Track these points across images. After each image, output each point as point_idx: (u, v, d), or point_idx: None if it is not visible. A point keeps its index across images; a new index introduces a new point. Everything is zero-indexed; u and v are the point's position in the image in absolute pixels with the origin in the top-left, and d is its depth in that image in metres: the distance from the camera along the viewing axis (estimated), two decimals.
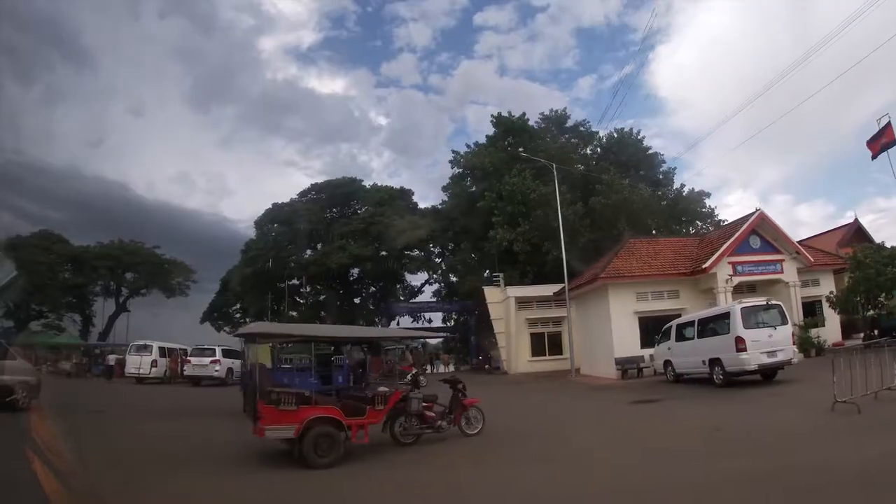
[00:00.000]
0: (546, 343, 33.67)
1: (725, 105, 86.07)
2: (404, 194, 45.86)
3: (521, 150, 34.89)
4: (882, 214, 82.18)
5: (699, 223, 38.84)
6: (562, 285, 31.88)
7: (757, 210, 23.40)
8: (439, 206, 45.09)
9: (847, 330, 24.65)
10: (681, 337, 18.34)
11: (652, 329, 23.26)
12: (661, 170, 40.32)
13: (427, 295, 49.44)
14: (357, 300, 45.87)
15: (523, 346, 33.42)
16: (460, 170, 42.55)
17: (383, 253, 41.65)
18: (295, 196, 44.97)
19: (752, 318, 15.46)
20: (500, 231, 34.99)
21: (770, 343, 15.11)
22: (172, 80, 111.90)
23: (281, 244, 41.64)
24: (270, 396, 7.83)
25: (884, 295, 20.50)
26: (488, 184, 37.77)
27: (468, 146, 43.54)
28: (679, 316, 23.52)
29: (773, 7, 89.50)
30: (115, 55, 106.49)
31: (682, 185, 38.58)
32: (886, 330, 21.15)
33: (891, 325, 20.90)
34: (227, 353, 27.12)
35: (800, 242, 25.40)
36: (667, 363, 18.91)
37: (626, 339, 23.18)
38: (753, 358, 14.85)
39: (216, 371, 25.64)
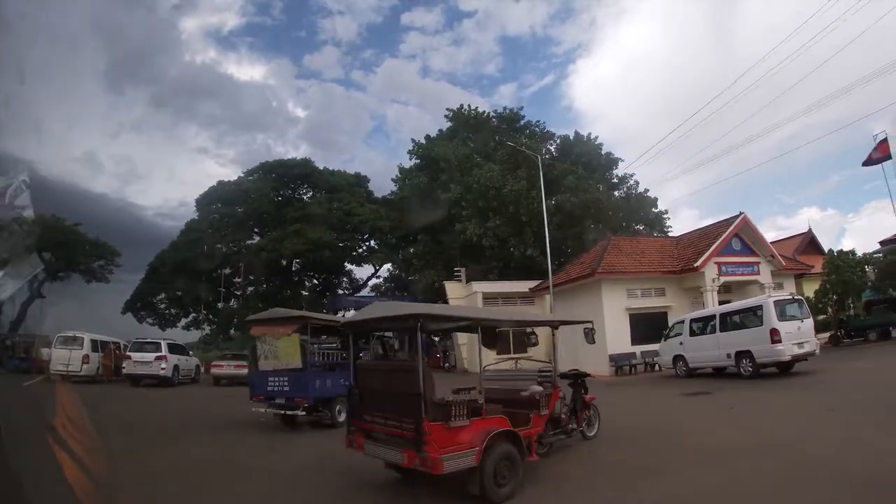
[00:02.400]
0: (511, 341, 33.32)
1: (641, 120, 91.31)
2: (361, 181, 43.65)
3: (509, 142, 34.37)
4: (783, 232, 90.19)
5: (646, 226, 40.26)
6: (535, 281, 31.96)
7: (741, 214, 24.49)
8: (390, 197, 43.78)
9: None
10: (695, 332, 18.56)
11: (640, 326, 23.77)
12: (615, 172, 41.53)
13: (366, 290, 47.95)
14: (290, 291, 42.86)
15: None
16: (418, 160, 41.44)
17: (342, 243, 39.60)
18: (241, 174, 41.69)
19: (783, 311, 15.95)
20: (468, 225, 34.34)
21: (799, 335, 15.70)
22: (88, 56, 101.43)
23: (225, 226, 38.15)
24: (439, 409, 5.76)
25: (854, 297, 22.07)
26: (451, 176, 37.00)
27: (428, 137, 42.61)
28: (665, 314, 24.27)
29: (695, 28, 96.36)
30: (27, 24, 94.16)
31: (647, 190, 39.85)
32: (855, 330, 22.95)
33: (859, 326, 22.60)
34: (173, 349, 24.32)
35: None
36: (677, 358, 19.05)
37: (618, 336, 23.33)
38: (787, 349, 15.31)
39: (162, 369, 22.68)
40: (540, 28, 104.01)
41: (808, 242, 32.32)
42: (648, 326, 23.47)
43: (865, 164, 19.95)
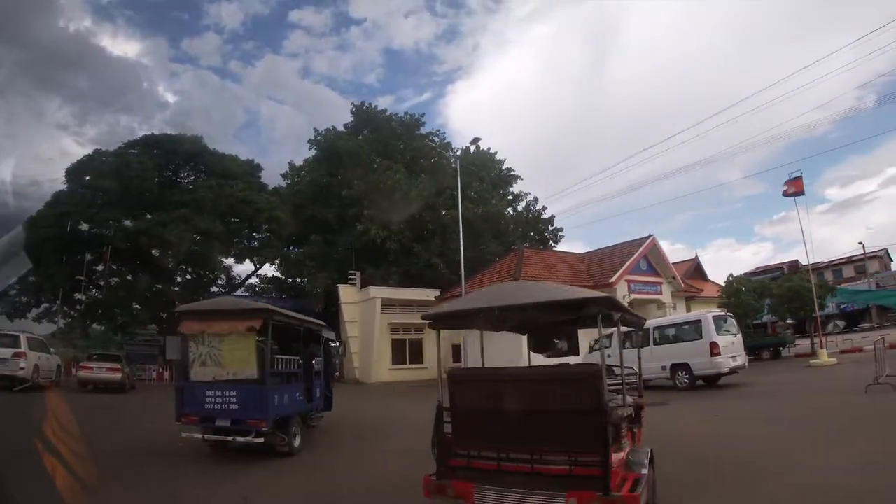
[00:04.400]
0: (407, 351, 31.86)
1: (510, 145, 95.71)
2: (254, 169, 39.01)
3: (429, 140, 33.06)
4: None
5: (541, 243, 41.06)
6: (437, 290, 30.96)
7: (650, 236, 25.58)
8: (281, 189, 40.27)
9: None
10: (630, 344, 18.56)
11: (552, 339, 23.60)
12: (510, 190, 42.03)
13: (240, 290, 43.51)
14: (162, 286, 37.37)
15: (384, 353, 30.94)
16: (318, 152, 38.61)
17: (234, 237, 35.27)
18: (122, 144, 34.74)
19: (719, 325, 16.42)
20: (372, 227, 32.38)
21: (733, 349, 16.27)
22: None
23: (99, 203, 31.82)
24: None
25: (751, 319, 23.91)
26: (354, 173, 34.82)
27: (332, 129, 39.92)
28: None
29: (570, 65, 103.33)
30: None
31: (545, 207, 40.45)
32: (748, 349, 24.79)
33: (754, 345, 24.46)
34: (34, 344, 19.52)
35: None
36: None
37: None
38: (725, 362, 15.76)
39: (21, 369, 17.98)
40: (425, 46, 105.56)
41: (696, 269, 35.07)
42: (566, 341, 23.43)
43: (785, 195, 21.96)
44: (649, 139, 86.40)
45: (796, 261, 33.35)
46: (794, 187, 21.36)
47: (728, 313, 17.83)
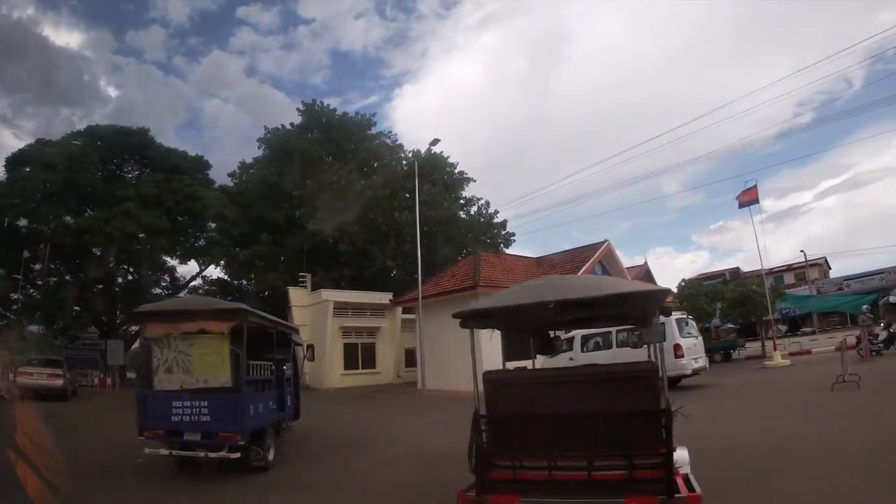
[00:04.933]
0: (360, 355, 31.00)
1: (457, 149, 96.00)
2: (203, 165, 37.47)
3: (382, 140, 32.25)
4: None
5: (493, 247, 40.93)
6: (389, 294, 30.30)
7: (605, 241, 25.91)
8: (227, 189, 38.52)
9: None
10: (586, 348, 18.67)
11: (511, 343, 23.43)
12: (462, 194, 41.73)
13: (184, 292, 41.24)
14: (103, 286, 34.91)
15: (336, 358, 29.97)
16: (268, 150, 37.10)
17: (180, 235, 33.28)
18: (66, 135, 31.83)
19: (682, 328, 16.67)
20: (323, 226, 31.34)
21: (694, 351, 16.55)
22: None
23: (39, 197, 29.19)
24: None
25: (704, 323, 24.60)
26: (305, 172, 33.69)
27: (281, 127, 38.42)
28: None
29: (518, 74, 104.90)
30: None
31: (497, 211, 40.35)
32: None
33: (706, 348, 25.17)
34: None
35: None
36: None
37: (492, 353, 22.57)
38: (689, 363, 16.01)
39: None
40: (373, 49, 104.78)
41: (645, 274, 35.88)
42: (518, 343, 23.29)
43: (741, 206, 22.77)
44: (596, 146, 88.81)
45: (737, 268, 34.87)
46: (748, 196, 22.20)
47: (689, 316, 18.16)
